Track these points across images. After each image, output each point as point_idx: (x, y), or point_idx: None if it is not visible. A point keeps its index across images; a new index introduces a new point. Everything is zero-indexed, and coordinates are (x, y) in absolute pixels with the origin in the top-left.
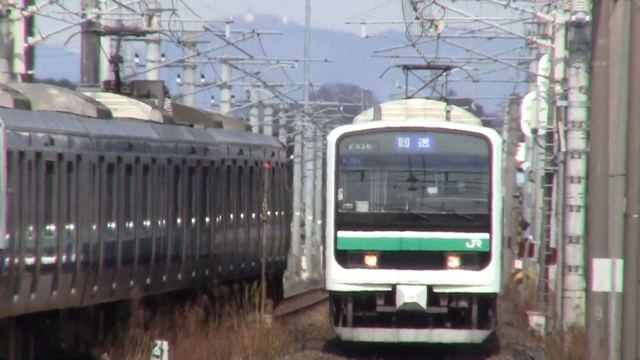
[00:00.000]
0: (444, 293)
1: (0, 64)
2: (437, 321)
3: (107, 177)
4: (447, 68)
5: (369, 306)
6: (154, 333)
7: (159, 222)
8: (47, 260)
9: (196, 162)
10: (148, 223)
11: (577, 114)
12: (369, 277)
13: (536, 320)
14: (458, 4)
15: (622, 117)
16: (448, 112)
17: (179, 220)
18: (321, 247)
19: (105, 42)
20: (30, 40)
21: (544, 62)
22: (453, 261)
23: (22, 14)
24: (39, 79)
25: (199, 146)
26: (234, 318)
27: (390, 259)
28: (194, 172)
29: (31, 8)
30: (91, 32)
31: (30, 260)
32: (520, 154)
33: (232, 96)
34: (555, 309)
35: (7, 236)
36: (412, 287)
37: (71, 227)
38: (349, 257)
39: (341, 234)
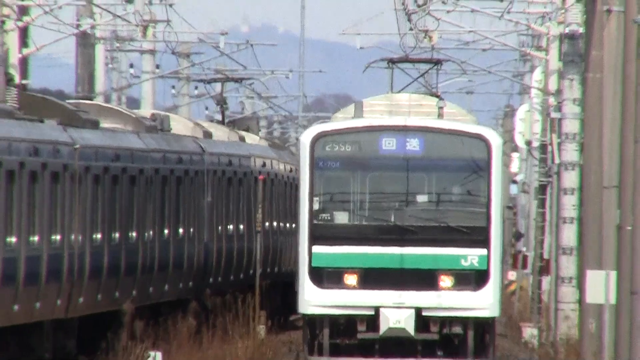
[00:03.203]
0: (435, 317)
1: None
2: (427, 349)
3: (254, 188)
4: (437, 62)
5: (349, 332)
6: (147, 343)
7: (278, 224)
8: (229, 251)
9: (287, 177)
10: (268, 224)
11: (571, 125)
12: (348, 298)
13: (530, 331)
14: (452, 16)
15: (615, 129)
16: (440, 108)
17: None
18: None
19: (100, 52)
20: (25, 50)
21: (537, 74)
22: (445, 281)
23: (16, 24)
24: (33, 88)
25: (291, 166)
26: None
27: (373, 277)
28: (287, 185)
29: (26, 19)
30: (203, 80)
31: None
32: (514, 165)
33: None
34: (548, 320)
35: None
36: (398, 310)
37: (241, 226)
38: (326, 276)
39: (316, 248)
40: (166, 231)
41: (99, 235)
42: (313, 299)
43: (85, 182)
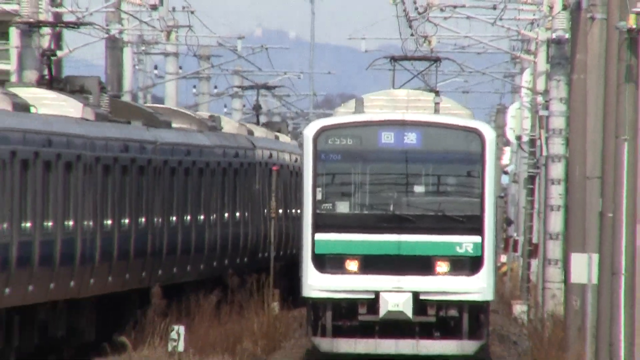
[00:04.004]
0: (432, 301)
1: (32, 74)
2: (424, 331)
3: (289, 178)
4: (436, 60)
5: (350, 315)
6: (171, 319)
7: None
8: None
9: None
10: (294, 211)
11: (558, 122)
12: (349, 283)
13: (519, 309)
14: (449, 22)
15: (598, 125)
16: (437, 103)
17: None
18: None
19: (128, 54)
20: (59, 53)
21: (527, 75)
22: (442, 266)
23: (51, 29)
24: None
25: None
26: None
27: (373, 263)
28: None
29: (60, 24)
30: (242, 86)
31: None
32: (505, 158)
33: (244, 105)
34: (536, 298)
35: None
36: (396, 294)
37: (280, 211)
38: (328, 262)
39: (319, 236)
40: (226, 215)
41: (174, 218)
42: (316, 284)
43: (163, 174)
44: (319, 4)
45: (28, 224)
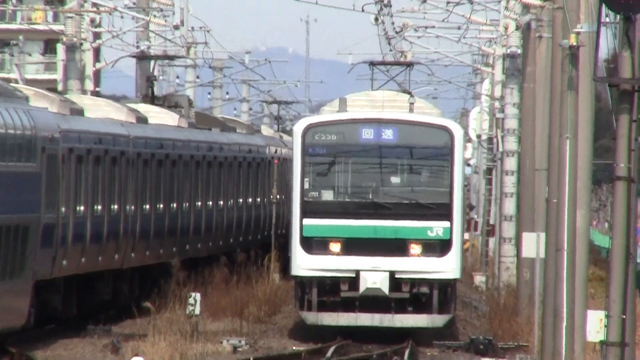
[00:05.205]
0: (406, 279)
1: (74, 83)
2: (399, 306)
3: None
4: (409, 64)
5: (333, 291)
6: (190, 287)
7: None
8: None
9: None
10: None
11: (511, 123)
12: (333, 263)
13: (479, 279)
14: (422, 40)
15: (545, 126)
16: (411, 104)
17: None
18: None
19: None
20: (98, 65)
21: (486, 84)
22: (415, 248)
23: (91, 45)
24: (104, 95)
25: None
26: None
27: (354, 245)
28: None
29: (98, 41)
30: (265, 101)
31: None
32: (468, 153)
33: (250, 109)
34: (493, 270)
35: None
36: (374, 273)
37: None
38: (314, 244)
39: (306, 221)
40: (279, 196)
41: (240, 200)
42: (303, 264)
43: (233, 167)
44: (313, 25)
45: (147, 206)
